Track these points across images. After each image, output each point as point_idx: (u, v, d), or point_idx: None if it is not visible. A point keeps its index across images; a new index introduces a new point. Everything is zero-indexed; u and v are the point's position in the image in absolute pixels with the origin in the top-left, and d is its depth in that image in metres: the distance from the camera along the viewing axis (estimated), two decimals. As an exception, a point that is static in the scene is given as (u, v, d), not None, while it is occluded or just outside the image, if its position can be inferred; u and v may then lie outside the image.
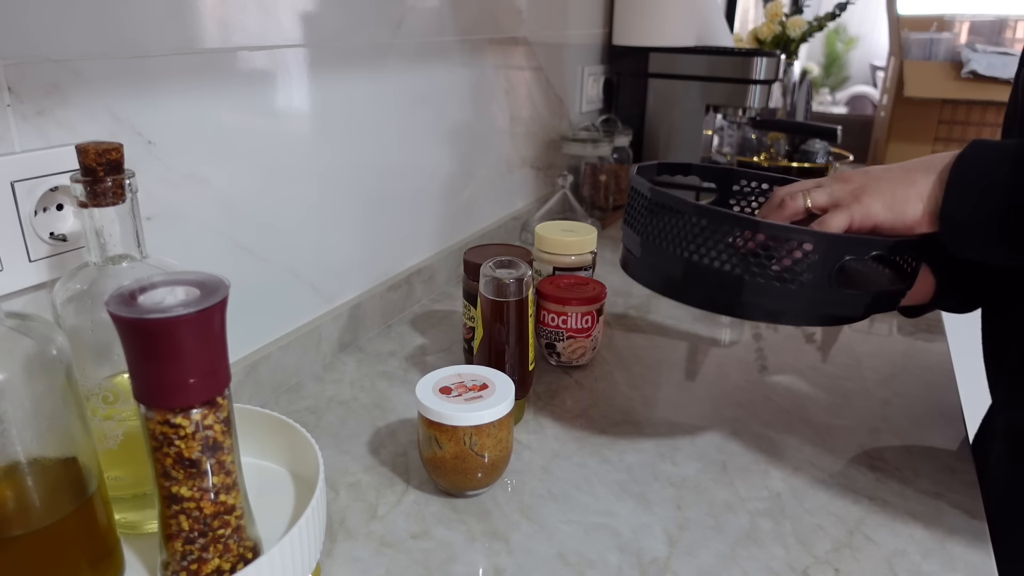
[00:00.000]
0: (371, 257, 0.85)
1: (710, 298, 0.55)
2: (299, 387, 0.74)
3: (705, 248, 0.52)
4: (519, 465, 0.62)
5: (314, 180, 0.74)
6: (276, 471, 0.53)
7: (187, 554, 0.40)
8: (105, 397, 0.45)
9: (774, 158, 1.66)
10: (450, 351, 0.82)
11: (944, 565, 0.52)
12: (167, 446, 0.38)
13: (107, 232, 0.44)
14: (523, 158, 1.18)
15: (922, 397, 0.56)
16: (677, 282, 0.55)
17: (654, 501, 0.58)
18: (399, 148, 0.86)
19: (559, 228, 0.84)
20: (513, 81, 1.09)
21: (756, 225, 0.52)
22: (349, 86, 0.76)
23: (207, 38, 0.59)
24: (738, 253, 0.52)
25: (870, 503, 0.58)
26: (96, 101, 0.52)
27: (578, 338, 0.76)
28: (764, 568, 0.51)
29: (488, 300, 0.63)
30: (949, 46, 2.14)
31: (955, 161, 0.51)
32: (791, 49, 1.86)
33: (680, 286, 0.55)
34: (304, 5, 0.69)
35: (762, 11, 1.92)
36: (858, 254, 0.51)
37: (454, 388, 0.57)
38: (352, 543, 0.53)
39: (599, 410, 0.71)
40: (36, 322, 0.40)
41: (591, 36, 1.36)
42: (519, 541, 0.53)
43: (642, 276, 0.58)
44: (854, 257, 0.51)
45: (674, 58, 1.36)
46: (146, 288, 0.37)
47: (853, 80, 5.13)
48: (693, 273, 0.53)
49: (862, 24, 4.98)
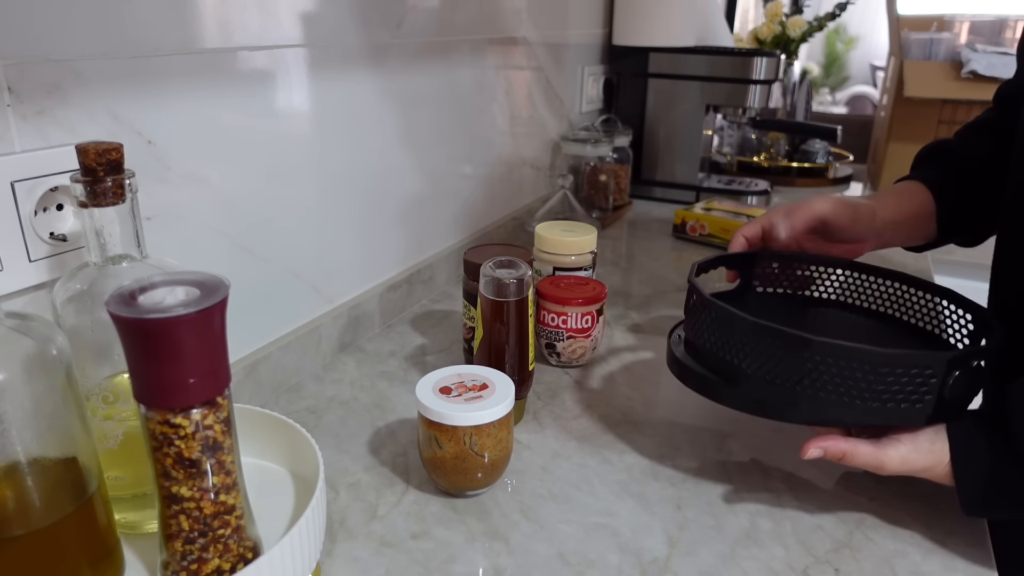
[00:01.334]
0: (371, 257, 0.85)
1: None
2: (299, 387, 0.74)
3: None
4: (519, 465, 0.62)
5: (314, 180, 0.74)
6: (276, 471, 0.53)
7: (187, 554, 0.40)
8: (105, 397, 0.45)
9: (774, 158, 1.66)
10: (450, 351, 0.82)
11: (944, 565, 0.52)
12: (167, 446, 0.38)
13: (107, 232, 0.44)
14: (523, 158, 1.18)
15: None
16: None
17: (654, 501, 0.58)
18: (399, 148, 0.86)
19: (559, 228, 0.84)
20: (513, 81, 1.09)
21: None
22: (349, 86, 0.76)
23: (207, 38, 0.59)
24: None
25: (870, 503, 0.58)
26: (96, 101, 0.52)
27: (578, 338, 0.76)
28: (764, 568, 0.51)
29: (488, 300, 0.63)
30: (949, 46, 2.14)
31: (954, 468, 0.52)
32: (791, 49, 1.86)
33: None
34: (304, 5, 0.69)
35: (762, 11, 1.92)
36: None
37: (454, 388, 0.57)
38: (352, 543, 0.53)
39: (599, 410, 0.71)
40: (36, 322, 0.40)
41: (591, 36, 1.36)
42: (519, 541, 0.53)
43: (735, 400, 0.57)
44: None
45: (674, 58, 1.36)
46: (146, 288, 0.37)
47: (853, 80, 5.13)
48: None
49: (862, 24, 4.98)
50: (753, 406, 0.55)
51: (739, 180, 1.49)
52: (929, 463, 0.52)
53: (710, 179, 1.49)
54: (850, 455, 0.52)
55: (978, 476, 0.51)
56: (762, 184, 1.47)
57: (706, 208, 1.23)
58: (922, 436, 0.52)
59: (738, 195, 1.41)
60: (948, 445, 0.51)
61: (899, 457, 0.52)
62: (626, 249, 1.20)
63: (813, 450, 0.53)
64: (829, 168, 1.62)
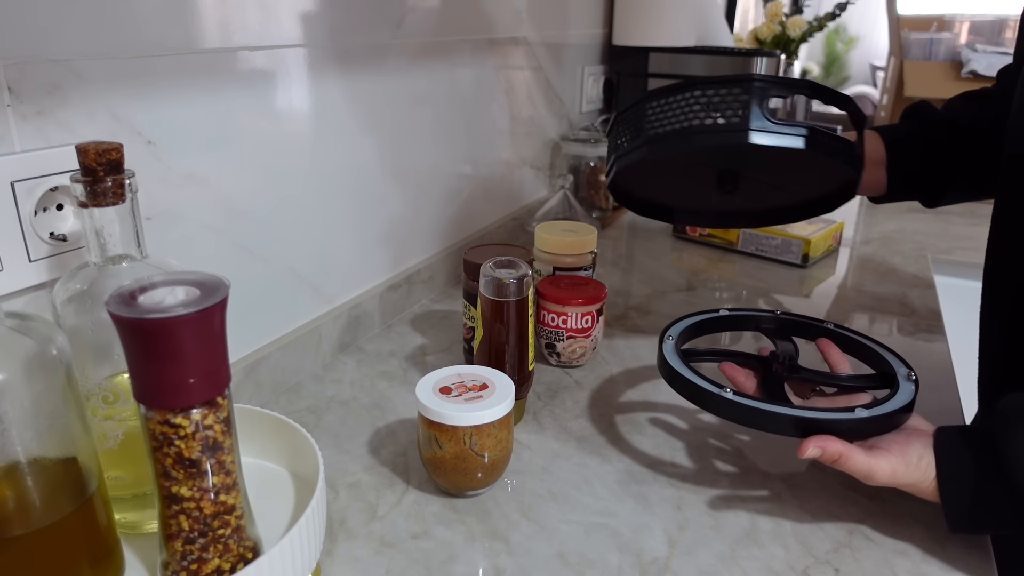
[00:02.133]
0: (371, 257, 0.85)
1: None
2: (299, 387, 0.74)
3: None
4: (519, 465, 0.62)
5: (314, 180, 0.74)
6: (276, 471, 0.53)
7: (187, 554, 0.40)
8: (105, 397, 0.45)
9: (774, 158, 1.66)
10: (450, 351, 0.82)
11: (944, 565, 0.52)
12: (167, 446, 0.38)
13: (107, 232, 0.44)
14: (523, 158, 1.18)
15: (922, 397, 0.56)
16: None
17: (654, 501, 0.58)
18: (399, 148, 0.86)
19: (559, 228, 0.84)
20: (513, 81, 1.09)
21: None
22: (349, 86, 0.76)
23: (207, 38, 0.59)
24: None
25: (870, 503, 0.58)
26: (96, 101, 0.52)
27: (578, 338, 0.76)
28: (764, 568, 0.51)
29: (488, 300, 0.63)
30: (949, 46, 2.14)
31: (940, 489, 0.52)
32: (791, 49, 1.86)
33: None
34: (304, 5, 0.69)
35: (762, 11, 1.92)
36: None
37: (454, 388, 0.57)
38: (352, 543, 0.53)
39: (599, 410, 0.71)
40: (36, 322, 0.40)
41: (591, 36, 1.36)
42: (519, 541, 0.53)
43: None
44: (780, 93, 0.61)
45: (674, 58, 1.36)
46: (146, 288, 0.37)
47: (853, 80, 5.13)
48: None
49: (862, 24, 4.98)
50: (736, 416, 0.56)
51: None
52: (915, 478, 0.52)
53: (710, 179, 1.49)
54: (845, 458, 0.52)
55: (963, 493, 0.51)
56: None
57: (706, 208, 1.23)
58: (911, 450, 0.52)
59: (738, 195, 1.41)
60: (934, 460, 0.52)
61: (889, 468, 0.52)
62: (626, 249, 1.20)
63: (812, 449, 0.53)
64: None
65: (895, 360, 0.61)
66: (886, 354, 0.63)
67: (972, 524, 0.51)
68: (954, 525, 0.51)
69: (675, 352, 0.62)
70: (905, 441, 0.53)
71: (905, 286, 1.02)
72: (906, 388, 0.57)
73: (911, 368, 0.60)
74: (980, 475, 0.50)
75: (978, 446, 0.51)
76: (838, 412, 0.54)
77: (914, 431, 0.54)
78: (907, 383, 0.58)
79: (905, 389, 0.57)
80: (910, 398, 0.56)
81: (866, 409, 0.54)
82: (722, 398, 0.55)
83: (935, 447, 0.52)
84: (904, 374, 0.59)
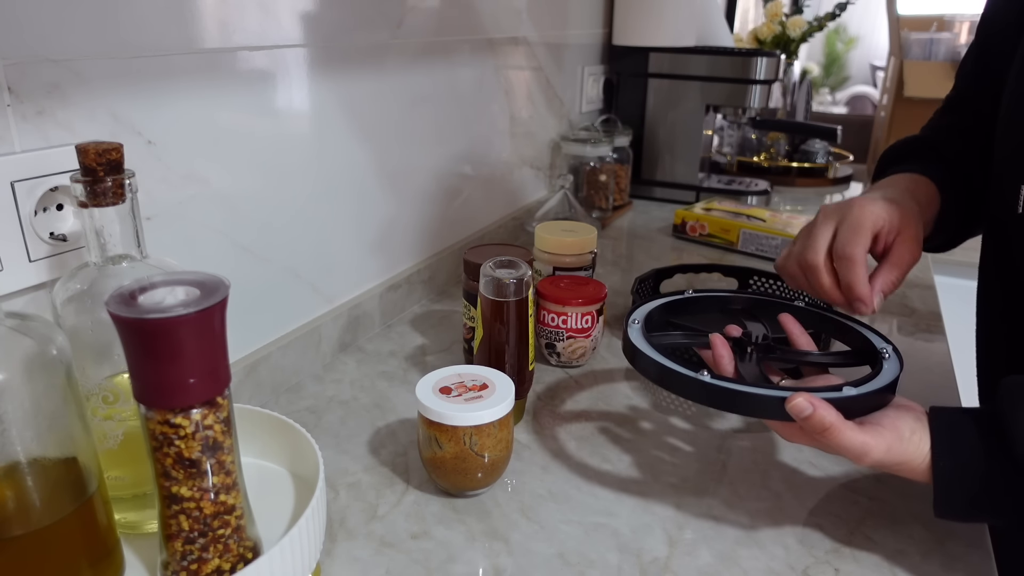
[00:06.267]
0: (371, 257, 0.85)
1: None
2: (299, 387, 0.74)
3: None
4: (519, 465, 0.62)
5: (314, 180, 0.74)
6: (276, 471, 0.53)
7: (187, 554, 0.40)
8: (105, 397, 0.45)
9: (774, 158, 1.66)
10: (450, 351, 0.82)
11: (944, 565, 0.52)
12: (167, 446, 0.38)
13: (107, 232, 0.44)
14: (523, 158, 1.18)
15: (922, 397, 0.55)
16: None
17: (654, 501, 0.58)
18: (399, 148, 0.86)
19: (559, 228, 0.84)
20: (513, 81, 1.09)
21: None
22: (349, 86, 0.76)
23: (207, 38, 0.59)
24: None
25: (870, 503, 0.58)
26: (96, 101, 0.52)
27: (578, 338, 0.76)
28: (764, 568, 0.51)
29: (488, 300, 0.63)
30: (949, 46, 2.14)
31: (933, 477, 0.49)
32: (791, 49, 1.86)
33: None
34: (304, 5, 0.69)
35: (762, 11, 1.92)
36: None
37: (454, 388, 0.57)
38: (352, 543, 0.53)
39: (599, 410, 0.71)
40: (36, 322, 0.40)
41: (591, 36, 1.36)
42: (519, 541, 0.53)
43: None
44: None
45: (674, 58, 1.36)
46: (146, 288, 0.37)
47: (853, 80, 5.13)
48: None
49: (862, 24, 4.98)
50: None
51: (739, 180, 1.50)
52: (908, 455, 0.48)
53: (710, 179, 1.49)
54: (836, 431, 0.47)
55: (958, 469, 0.47)
56: (762, 184, 1.47)
57: (706, 208, 1.23)
58: (903, 424, 0.49)
59: (738, 195, 1.41)
60: (928, 435, 0.49)
61: (884, 444, 0.48)
62: (626, 249, 1.20)
63: (803, 402, 0.48)
64: (829, 168, 1.62)
65: (873, 336, 0.59)
66: (863, 330, 0.60)
67: (964, 506, 0.48)
68: (942, 507, 0.48)
69: (642, 335, 0.58)
70: (896, 415, 0.50)
71: (905, 286, 1.02)
72: (890, 364, 0.55)
73: (889, 341, 0.58)
74: (982, 452, 0.47)
75: (979, 422, 0.48)
76: (825, 391, 0.50)
77: (902, 406, 0.52)
78: (890, 359, 0.55)
79: (889, 365, 0.55)
80: (896, 373, 0.53)
81: (854, 387, 0.51)
82: (700, 382, 0.51)
83: (931, 422, 0.49)
84: (884, 349, 0.56)
